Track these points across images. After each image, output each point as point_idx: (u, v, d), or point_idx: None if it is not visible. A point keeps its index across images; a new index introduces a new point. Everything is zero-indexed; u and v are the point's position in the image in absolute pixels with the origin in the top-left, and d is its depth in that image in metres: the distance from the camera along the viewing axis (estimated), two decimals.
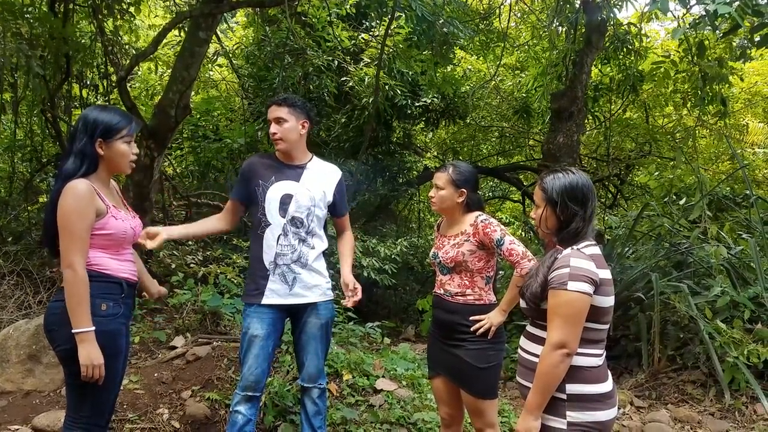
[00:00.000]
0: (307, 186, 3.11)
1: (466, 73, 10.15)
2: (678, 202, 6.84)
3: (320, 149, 8.65)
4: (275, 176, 3.09)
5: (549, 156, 6.72)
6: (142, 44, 8.04)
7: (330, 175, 3.24)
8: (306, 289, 3.09)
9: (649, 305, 5.40)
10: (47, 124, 6.71)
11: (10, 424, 3.54)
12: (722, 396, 4.82)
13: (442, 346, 3.01)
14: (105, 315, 2.48)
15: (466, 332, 2.90)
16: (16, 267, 5.68)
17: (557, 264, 2.12)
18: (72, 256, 2.38)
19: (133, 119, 2.64)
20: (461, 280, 2.95)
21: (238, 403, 3.04)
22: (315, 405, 3.15)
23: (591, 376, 2.14)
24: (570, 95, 6.62)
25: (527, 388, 2.22)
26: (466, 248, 2.91)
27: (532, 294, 2.17)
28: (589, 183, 2.26)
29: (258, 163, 3.18)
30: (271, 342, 3.09)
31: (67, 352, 2.43)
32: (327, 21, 7.20)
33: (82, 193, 2.40)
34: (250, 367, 3.03)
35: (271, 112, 3.10)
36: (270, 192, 3.07)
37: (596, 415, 2.10)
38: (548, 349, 2.08)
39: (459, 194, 2.98)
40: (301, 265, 3.08)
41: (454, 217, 3.05)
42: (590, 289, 2.06)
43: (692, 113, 9.90)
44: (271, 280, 3.05)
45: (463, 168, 3.04)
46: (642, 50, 8.44)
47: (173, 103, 5.56)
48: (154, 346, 4.77)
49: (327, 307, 3.18)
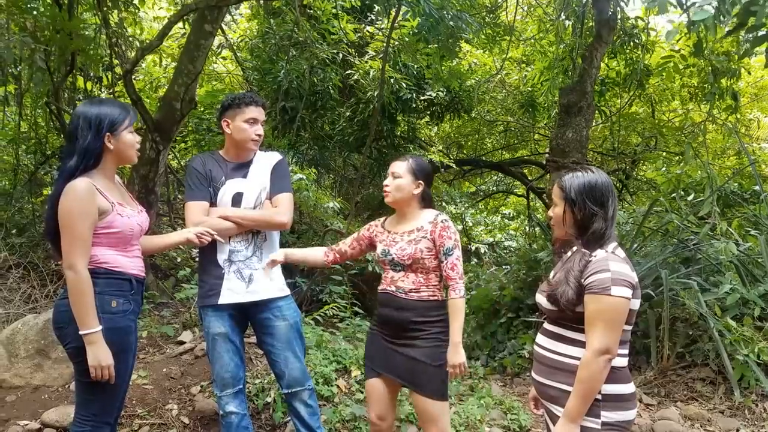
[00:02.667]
0: (253, 181, 3.07)
1: (471, 66, 10.11)
2: (686, 198, 6.80)
3: (324, 143, 8.62)
4: (224, 176, 3.05)
5: (557, 151, 6.66)
6: (147, 37, 7.99)
7: (270, 162, 3.15)
8: (264, 285, 3.02)
9: (657, 302, 5.37)
10: (52, 117, 6.68)
11: (19, 419, 3.52)
12: (732, 394, 4.79)
13: (387, 346, 2.90)
14: (115, 312, 2.47)
15: (418, 329, 2.82)
16: (22, 260, 5.65)
17: (593, 268, 2.08)
18: (73, 257, 2.36)
19: (130, 108, 2.63)
20: (416, 278, 2.86)
21: (227, 404, 2.99)
22: (308, 406, 3.08)
23: (622, 376, 2.13)
24: (579, 90, 6.56)
25: (548, 386, 2.20)
26: (424, 245, 2.83)
27: (568, 301, 2.10)
28: (608, 182, 2.22)
29: (208, 163, 3.09)
30: (237, 337, 3.04)
31: (76, 350, 2.42)
32: (332, 13, 7.15)
33: (82, 193, 2.38)
34: (222, 365, 2.99)
35: (257, 112, 3.04)
36: (221, 192, 3.03)
37: (626, 414, 2.10)
38: (592, 356, 2.03)
39: (416, 185, 2.92)
40: (258, 259, 3.03)
41: (406, 210, 2.97)
42: (630, 294, 2.04)
43: (702, 108, 9.84)
44: (227, 279, 2.98)
45: (422, 161, 3.00)
46: (649, 44, 8.39)
47: (179, 96, 5.52)
48: (162, 340, 4.75)
49: (290, 306, 3.11)
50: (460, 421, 4.11)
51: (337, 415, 3.90)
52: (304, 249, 3.24)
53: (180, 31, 7.89)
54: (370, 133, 6.57)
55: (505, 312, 6.63)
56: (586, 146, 7.15)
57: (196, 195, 3.00)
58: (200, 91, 8.55)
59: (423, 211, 2.95)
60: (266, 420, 3.88)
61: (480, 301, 6.95)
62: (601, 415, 2.07)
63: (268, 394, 4.00)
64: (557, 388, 2.17)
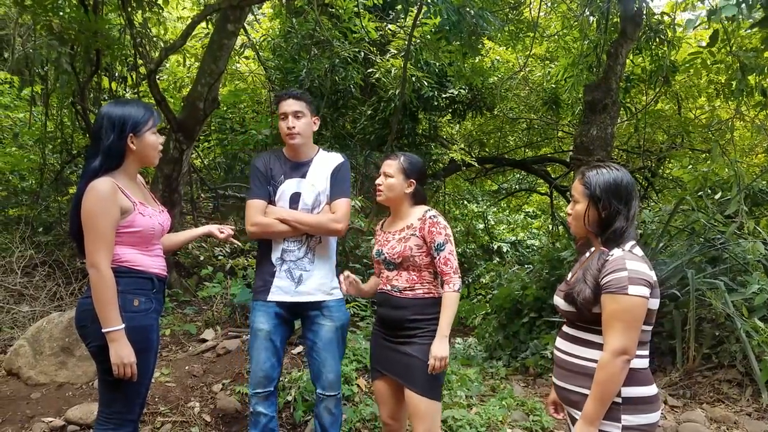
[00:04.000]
0: (312, 182, 3.07)
1: (494, 63, 10.03)
2: (713, 197, 6.68)
3: (346, 141, 8.62)
4: (284, 174, 3.06)
5: (582, 149, 6.59)
6: (171, 37, 8.07)
7: (331, 164, 3.15)
8: (312, 287, 3.02)
9: (683, 302, 5.29)
10: (77, 116, 6.78)
11: (44, 416, 3.58)
12: (759, 396, 4.70)
13: (387, 344, 2.90)
14: (137, 311, 2.48)
15: (415, 327, 2.80)
16: (48, 258, 5.74)
17: (610, 267, 2.04)
18: (96, 256, 2.37)
19: (154, 109, 2.64)
20: (409, 275, 2.85)
21: (257, 404, 3.00)
22: (332, 415, 3.07)
23: (643, 378, 2.08)
24: (604, 87, 6.47)
25: (569, 391, 2.16)
26: (413, 243, 2.82)
27: (585, 300, 2.07)
28: (632, 181, 2.19)
29: (269, 161, 3.11)
30: (278, 337, 3.04)
31: (99, 348, 2.43)
32: (354, 12, 7.14)
33: (104, 193, 2.39)
34: (258, 361, 2.99)
35: (289, 105, 3.03)
36: (280, 191, 3.04)
37: (648, 417, 2.06)
38: (609, 357, 1.99)
39: (408, 184, 2.90)
40: (309, 261, 3.04)
41: (399, 209, 2.96)
42: (648, 293, 2.00)
43: (730, 105, 9.66)
44: (278, 276, 3.00)
45: (415, 159, 2.98)
46: (675, 40, 8.25)
47: (202, 96, 5.57)
48: (184, 338, 4.79)
49: (340, 308, 3.11)
50: (481, 422, 4.07)
51: (357, 414, 3.89)
52: (370, 280, 3.22)
53: (203, 31, 7.95)
54: (392, 132, 6.55)
55: (527, 312, 6.58)
56: (612, 144, 7.06)
57: (256, 194, 3.03)
58: (223, 91, 8.63)
59: (414, 209, 2.94)
60: (287, 418, 3.89)
61: (502, 301, 6.91)
62: (622, 418, 2.03)
63: (289, 393, 4.01)
64: (577, 392, 2.13)
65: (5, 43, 8.15)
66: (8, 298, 5.09)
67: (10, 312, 4.90)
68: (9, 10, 7.14)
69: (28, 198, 6.87)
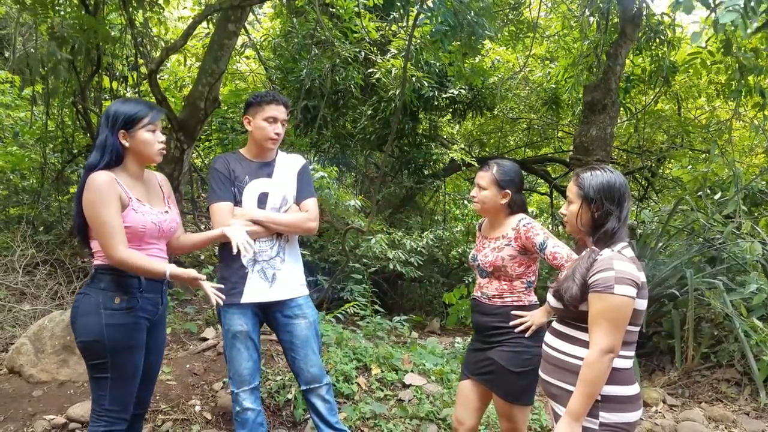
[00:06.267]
0: (279, 182, 3.09)
1: (494, 63, 10.05)
2: (712, 197, 6.70)
3: (346, 141, 8.64)
4: (248, 175, 3.05)
5: (581, 149, 6.61)
6: (172, 36, 8.08)
7: (295, 165, 3.17)
8: (286, 285, 3.04)
9: (682, 302, 5.31)
10: (78, 116, 6.78)
11: (46, 413, 3.60)
12: (757, 395, 4.72)
13: (478, 348, 2.95)
14: (117, 308, 2.48)
15: (502, 334, 2.82)
16: (49, 257, 5.76)
17: (598, 266, 2.09)
18: (111, 249, 2.40)
19: (155, 107, 2.63)
20: (500, 284, 2.86)
21: (245, 400, 3.00)
22: (326, 402, 3.09)
23: (624, 378, 2.13)
24: (604, 87, 6.50)
25: (550, 384, 2.25)
26: (507, 253, 2.81)
27: (571, 297, 2.13)
28: (625, 183, 2.25)
29: (230, 162, 3.08)
30: (256, 334, 3.06)
31: (85, 344, 2.47)
32: (354, 12, 7.15)
33: (100, 184, 2.41)
34: (242, 362, 2.99)
35: (281, 112, 3.04)
36: (246, 192, 3.03)
37: (626, 416, 2.10)
38: (596, 355, 2.04)
39: (503, 195, 2.86)
40: (281, 260, 3.05)
41: (496, 218, 2.95)
42: (634, 293, 2.04)
43: (729, 105, 9.67)
44: (250, 278, 2.99)
45: (508, 167, 2.90)
46: (675, 41, 8.26)
47: (202, 95, 5.58)
48: (185, 337, 4.81)
49: (309, 305, 3.13)
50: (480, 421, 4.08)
51: (357, 412, 3.91)
52: None
53: (204, 30, 7.96)
54: (392, 132, 6.55)
55: None
56: (611, 144, 7.08)
57: (221, 196, 2.99)
58: (224, 90, 8.64)
59: (509, 218, 2.91)
60: (287, 417, 3.91)
61: None
62: (600, 415, 2.09)
63: (288, 391, 4.03)
64: (558, 386, 2.21)
65: (6, 43, 8.16)
66: (10, 297, 5.10)
67: (12, 310, 4.92)
68: (10, 10, 7.16)
69: (29, 197, 6.88)
